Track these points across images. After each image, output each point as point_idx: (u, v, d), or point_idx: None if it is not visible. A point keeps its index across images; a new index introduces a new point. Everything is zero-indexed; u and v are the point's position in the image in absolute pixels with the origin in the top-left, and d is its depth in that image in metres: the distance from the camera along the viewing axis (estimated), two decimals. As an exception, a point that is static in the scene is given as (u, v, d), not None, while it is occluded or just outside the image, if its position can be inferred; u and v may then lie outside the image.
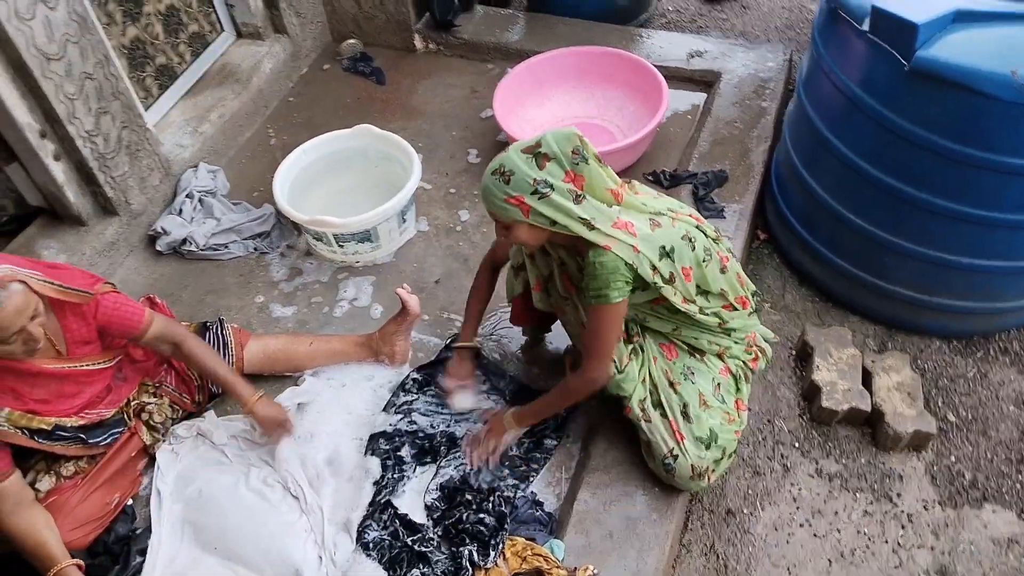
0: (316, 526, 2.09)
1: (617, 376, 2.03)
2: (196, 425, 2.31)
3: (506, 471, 2.18)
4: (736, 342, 2.10)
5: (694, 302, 1.95)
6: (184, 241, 2.82)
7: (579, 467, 2.20)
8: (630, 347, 2.08)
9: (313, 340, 2.45)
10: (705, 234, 1.96)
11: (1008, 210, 2.24)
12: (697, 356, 2.08)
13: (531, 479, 2.19)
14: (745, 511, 2.26)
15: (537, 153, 1.74)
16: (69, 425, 2.05)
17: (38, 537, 1.94)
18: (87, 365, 2.06)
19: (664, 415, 2.03)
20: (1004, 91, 1.98)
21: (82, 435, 2.08)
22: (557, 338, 2.49)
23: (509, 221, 1.79)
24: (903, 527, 2.21)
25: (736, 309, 2.05)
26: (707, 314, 1.98)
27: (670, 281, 1.87)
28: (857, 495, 2.28)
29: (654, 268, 1.82)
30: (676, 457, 2.00)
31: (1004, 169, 2.14)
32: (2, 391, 1.92)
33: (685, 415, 2.02)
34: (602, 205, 1.79)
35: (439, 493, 2.15)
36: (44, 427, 2.00)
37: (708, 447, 2.01)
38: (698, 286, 1.94)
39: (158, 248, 2.85)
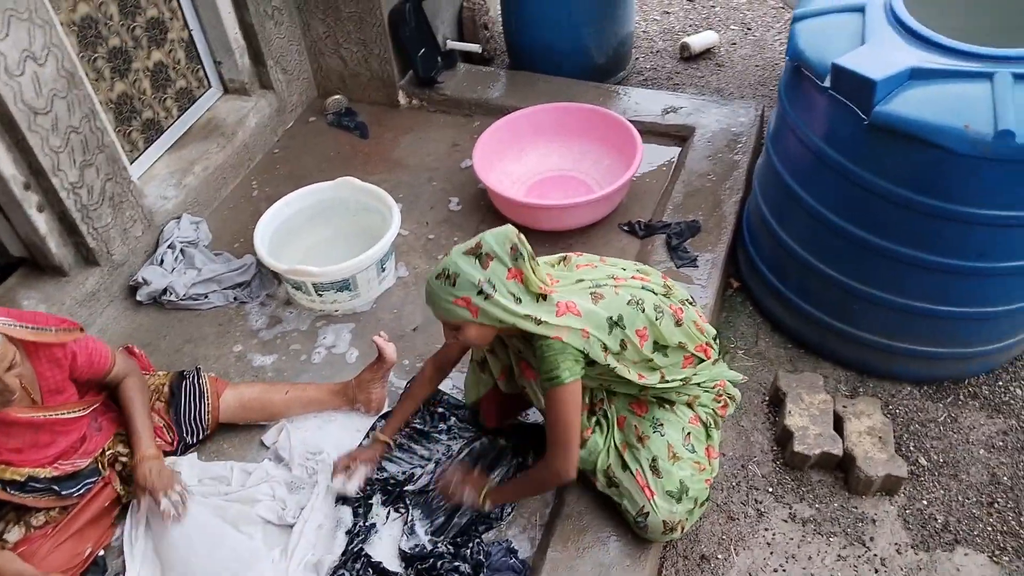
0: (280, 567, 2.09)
1: (580, 454, 2.05)
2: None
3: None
4: (705, 391, 2.13)
5: (656, 368, 1.97)
6: (164, 291, 2.85)
7: (552, 514, 2.21)
8: (593, 419, 2.12)
9: (289, 388, 2.46)
10: (654, 292, 1.99)
11: (970, 258, 2.31)
12: (667, 407, 2.10)
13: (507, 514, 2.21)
14: (719, 556, 2.26)
15: (479, 254, 1.80)
16: (43, 476, 2.05)
17: (12, 567, 1.93)
18: (63, 414, 2.06)
19: (632, 473, 2.04)
20: (959, 144, 2.06)
21: (55, 487, 2.07)
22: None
23: (459, 322, 1.83)
24: (876, 571, 2.22)
25: (700, 360, 2.08)
26: (669, 381, 2.01)
27: (623, 349, 1.89)
28: (830, 539, 2.29)
29: (605, 348, 1.86)
30: (647, 515, 2.01)
31: (963, 219, 2.21)
32: None
33: (655, 469, 2.03)
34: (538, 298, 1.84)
35: (415, 541, 2.15)
36: (17, 478, 1.99)
37: (679, 500, 2.02)
38: (655, 342, 1.96)
39: (138, 298, 2.88)
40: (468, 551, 2.08)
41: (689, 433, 2.08)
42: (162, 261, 2.94)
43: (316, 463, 2.31)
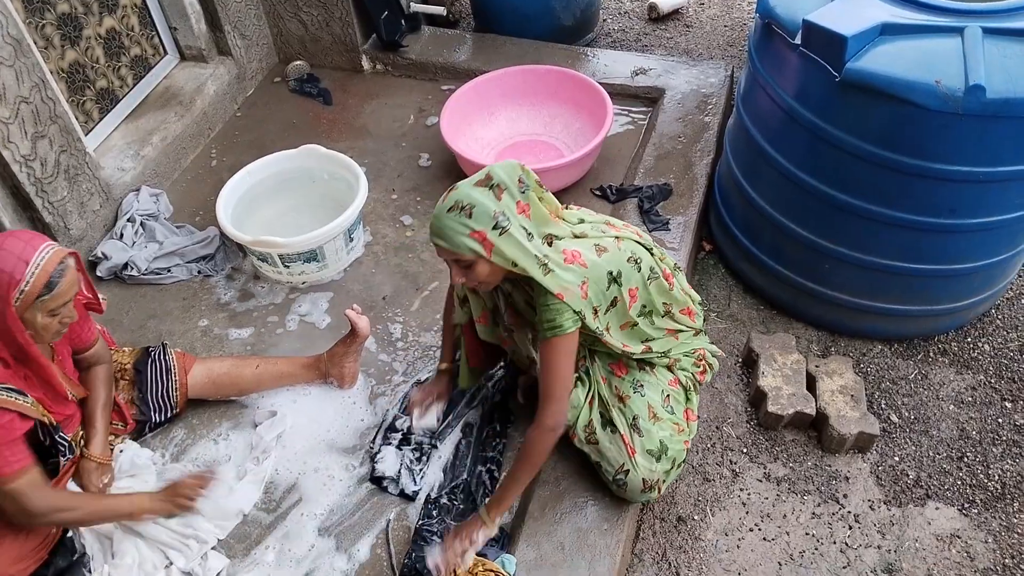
0: None
1: None
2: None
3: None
4: (686, 355, 2.13)
5: (641, 338, 1.97)
6: (125, 266, 2.77)
7: (531, 480, 2.19)
8: (575, 376, 2.10)
9: (260, 363, 2.41)
10: (651, 252, 1.99)
11: (941, 215, 2.31)
12: (647, 369, 2.10)
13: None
14: (696, 518, 2.27)
15: (491, 185, 1.74)
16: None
17: (94, 503, 1.97)
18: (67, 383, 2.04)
19: (615, 431, 2.04)
20: (930, 100, 2.05)
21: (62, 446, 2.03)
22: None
23: (471, 258, 1.75)
24: (850, 528, 2.25)
25: (682, 331, 2.08)
26: (652, 352, 2.01)
27: (612, 306, 1.88)
28: (805, 498, 2.31)
29: (595, 312, 1.84)
30: (627, 472, 2.01)
31: (933, 175, 2.21)
32: (28, 380, 1.88)
33: (635, 428, 2.03)
34: (547, 230, 1.82)
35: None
36: (53, 424, 1.95)
37: (658, 459, 2.03)
38: (643, 306, 1.96)
39: (98, 273, 2.80)
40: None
41: (668, 395, 2.08)
42: (122, 235, 2.85)
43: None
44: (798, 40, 2.24)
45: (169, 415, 2.32)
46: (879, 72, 2.09)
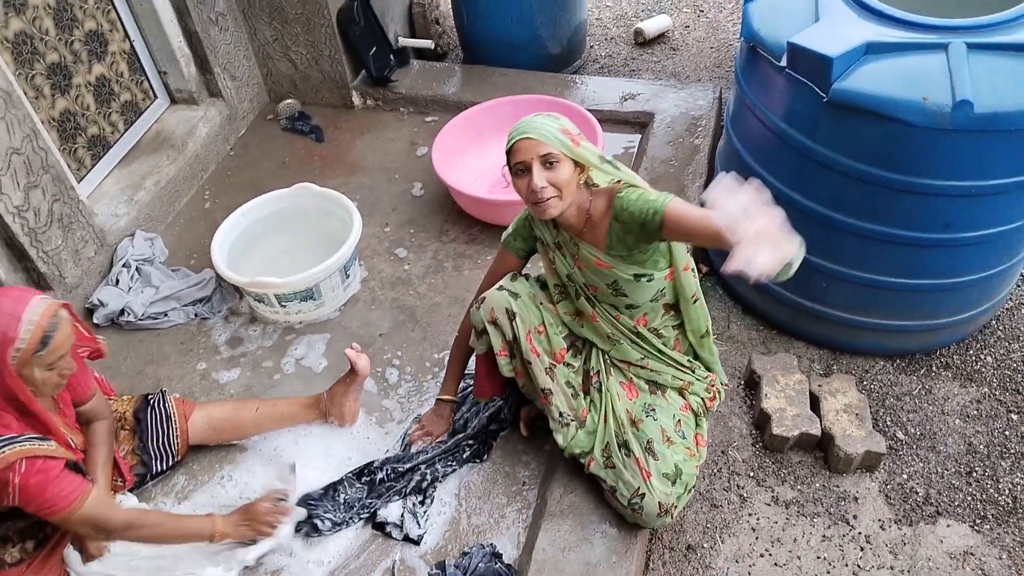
0: None
1: (579, 434, 2.09)
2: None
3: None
4: (699, 379, 2.12)
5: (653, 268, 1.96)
6: (122, 312, 2.76)
7: (536, 514, 2.17)
8: (588, 399, 2.11)
9: (259, 405, 2.39)
10: None
11: (935, 230, 2.31)
12: (658, 393, 2.10)
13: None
14: (705, 545, 2.25)
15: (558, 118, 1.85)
16: None
17: (170, 521, 2.00)
18: (73, 436, 2.03)
19: (629, 454, 2.03)
20: (918, 117, 2.06)
21: None
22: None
23: (560, 153, 1.79)
24: (861, 549, 2.22)
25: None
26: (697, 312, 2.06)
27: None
28: (814, 520, 2.29)
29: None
30: (643, 496, 1.99)
31: (924, 191, 2.21)
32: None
33: (650, 451, 2.02)
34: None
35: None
36: (77, 462, 1.94)
37: (673, 483, 2.01)
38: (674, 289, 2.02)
39: (95, 321, 2.78)
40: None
41: (680, 420, 2.08)
42: (117, 281, 2.85)
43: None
44: (784, 62, 2.25)
45: (171, 463, 2.30)
46: (866, 91, 2.10)
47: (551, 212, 1.85)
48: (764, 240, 1.41)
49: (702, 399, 2.15)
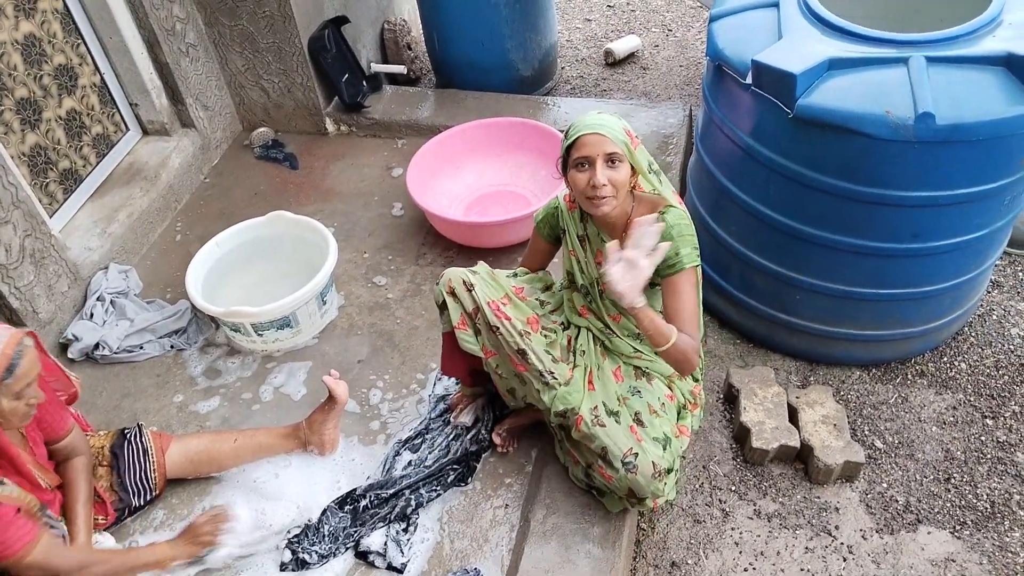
0: None
1: (562, 389, 2.04)
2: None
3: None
4: (685, 381, 2.15)
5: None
6: (97, 346, 2.73)
7: (519, 536, 2.16)
8: (571, 363, 2.12)
9: (238, 436, 2.37)
10: None
11: (904, 240, 2.35)
12: (645, 379, 2.11)
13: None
14: (689, 562, 2.25)
15: None
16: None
17: (119, 556, 2.00)
18: (43, 477, 1.99)
19: (618, 422, 2.02)
20: (882, 130, 2.10)
21: None
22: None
23: (623, 152, 1.83)
24: (844, 559, 2.23)
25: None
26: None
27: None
28: (797, 532, 2.30)
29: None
30: (637, 455, 1.96)
31: (893, 203, 2.25)
32: (2, 469, 1.87)
33: (639, 422, 2.03)
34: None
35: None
36: (38, 505, 1.92)
37: (664, 448, 2.00)
38: None
39: (70, 355, 2.75)
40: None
41: (664, 403, 2.09)
42: (92, 315, 2.82)
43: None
44: (749, 80, 2.29)
45: (149, 498, 2.26)
46: (830, 107, 2.14)
47: (604, 209, 1.88)
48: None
49: (686, 399, 2.15)
